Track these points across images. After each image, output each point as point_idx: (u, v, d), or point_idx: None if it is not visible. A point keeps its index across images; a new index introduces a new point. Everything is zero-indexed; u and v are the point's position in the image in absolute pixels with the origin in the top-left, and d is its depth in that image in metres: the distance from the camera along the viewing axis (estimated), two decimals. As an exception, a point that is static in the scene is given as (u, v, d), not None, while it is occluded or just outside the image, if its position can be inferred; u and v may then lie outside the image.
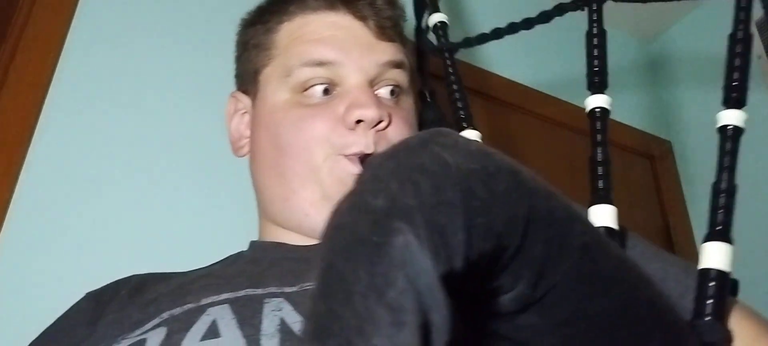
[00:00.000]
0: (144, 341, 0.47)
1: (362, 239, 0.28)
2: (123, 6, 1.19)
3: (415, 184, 0.29)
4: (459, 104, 0.64)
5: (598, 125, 0.52)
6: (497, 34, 0.61)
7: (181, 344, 0.45)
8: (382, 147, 0.56)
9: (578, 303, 0.33)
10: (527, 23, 0.58)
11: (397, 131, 0.59)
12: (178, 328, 0.47)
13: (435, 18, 0.70)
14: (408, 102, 0.65)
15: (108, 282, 0.64)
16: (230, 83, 1.23)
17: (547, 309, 0.32)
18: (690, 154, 1.85)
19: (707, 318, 0.41)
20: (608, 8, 0.61)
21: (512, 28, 0.60)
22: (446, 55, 0.66)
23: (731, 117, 0.54)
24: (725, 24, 0.58)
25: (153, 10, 1.22)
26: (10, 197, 0.96)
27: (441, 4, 0.73)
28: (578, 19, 0.60)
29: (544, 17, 0.58)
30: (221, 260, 0.64)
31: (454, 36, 0.70)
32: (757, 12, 0.58)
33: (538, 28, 0.59)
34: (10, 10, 1.08)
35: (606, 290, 0.34)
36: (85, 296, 0.61)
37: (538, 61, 1.69)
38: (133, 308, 0.54)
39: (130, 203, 1.05)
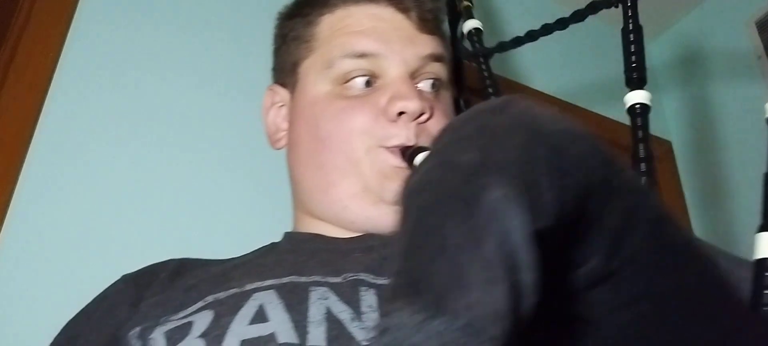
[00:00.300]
0: (190, 323, 0.47)
1: (452, 193, 0.27)
2: (123, 6, 1.19)
3: (504, 140, 0.28)
4: None
5: (639, 121, 0.52)
6: (531, 36, 0.60)
7: (229, 327, 0.45)
8: (423, 140, 0.56)
9: (651, 279, 0.32)
10: (561, 23, 0.58)
11: (438, 124, 0.59)
12: (225, 311, 0.47)
13: (469, 25, 0.69)
14: (447, 96, 0.65)
15: (103, 282, 0.64)
16: (231, 82, 1.23)
17: (620, 285, 0.32)
18: (690, 154, 1.85)
19: (765, 308, 0.40)
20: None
21: (546, 30, 0.59)
22: (482, 59, 0.66)
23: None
24: (726, 23, 0.58)
25: (153, 9, 1.22)
26: (10, 197, 0.96)
27: (475, 13, 0.73)
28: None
29: (578, 16, 0.57)
30: (254, 251, 0.64)
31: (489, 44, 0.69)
32: (757, 11, 0.58)
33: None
34: (10, 10, 1.08)
35: (678, 267, 0.33)
36: (121, 278, 0.60)
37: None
38: (175, 291, 0.53)
39: (130, 202, 1.05)
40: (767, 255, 0.42)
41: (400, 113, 0.57)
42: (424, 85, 0.61)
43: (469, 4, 0.72)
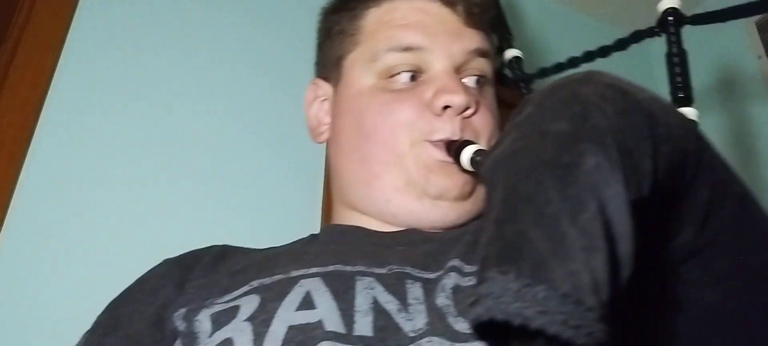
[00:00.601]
0: (237, 307, 0.47)
1: (550, 161, 0.26)
2: (123, 6, 1.19)
3: (599, 107, 0.28)
4: None
5: None
6: (573, 63, 0.60)
7: (276, 312, 0.45)
8: (468, 134, 0.56)
9: (738, 255, 0.32)
10: (603, 51, 0.58)
11: (483, 120, 0.58)
12: (272, 296, 0.47)
13: (510, 53, 0.69)
14: (491, 92, 0.64)
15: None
16: (231, 81, 1.23)
17: (710, 261, 0.31)
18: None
19: None
20: (608, 6, 0.61)
21: (588, 56, 0.59)
22: (522, 85, 0.66)
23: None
24: (726, 23, 0.58)
25: (153, 10, 1.22)
26: (10, 197, 0.96)
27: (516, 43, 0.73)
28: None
29: (621, 45, 0.57)
30: (294, 241, 0.63)
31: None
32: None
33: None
34: (10, 10, 1.08)
35: (764, 244, 0.33)
36: (163, 262, 0.60)
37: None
38: (221, 275, 0.53)
39: (129, 202, 1.05)
40: None
41: (446, 107, 0.56)
42: (469, 80, 0.61)
43: (509, 36, 0.71)
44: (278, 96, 1.27)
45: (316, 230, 0.61)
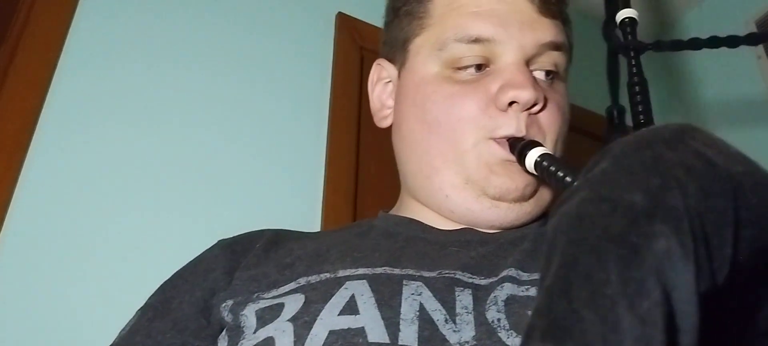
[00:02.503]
0: (282, 305, 0.46)
1: (616, 236, 0.24)
2: (122, 6, 1.19)
3: (681, 183, 0.26)
4: (639, 108, 0.57)
5: None
6: (694, 44, 0.56)
7: (319, 315, 0.44)
8: (534, 131, 0.54)
9: None
10: (731, 41, 0.55)
11: (551, 117, 0.56)
12: (316, 298, 0.46)
13: (623, 13, 0.63)
14: (562, 87, 0.60)
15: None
16: (231, 81, 1.23)
17: None
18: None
19: None
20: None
21: (713, 42, 0.55)
22: (632, 54, 0.60)
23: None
24: (726, 23, 0.58)
25: (153, 10, 1.22)
26: (10, 197, 0.96)
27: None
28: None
29: (743, 40, 0.55)
30: (349, 227, 0.62)
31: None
32: (757, 11, 0.58)
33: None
34: (10, 10, 1.08)
35: None
36: (217, 244, 0.59)
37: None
38: (270, 266, 0.52)
39: (129, 202, 1.05)
40: None
41: (511, 103, 0.54)
42: (540, 74, 0.57)
43: None
44: (278, 96, 1.27)
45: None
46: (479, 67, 0.56)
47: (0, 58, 1.03)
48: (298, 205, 1.18)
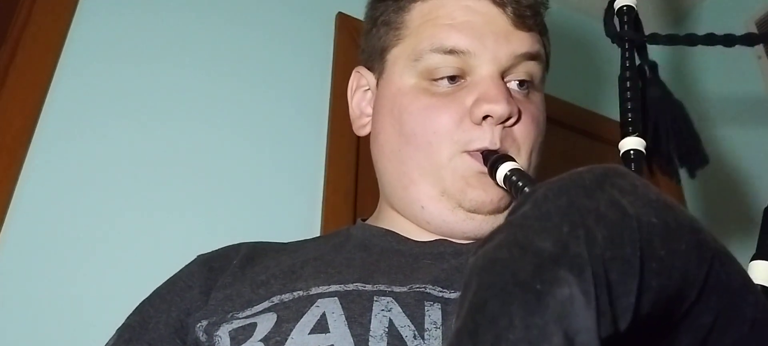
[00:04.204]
0: (254, 325, 0.47)
1: (522, 282, 0.25)
2: (122, 6, 1.19)
3: (589, 231, 0.26)
4: (628, 106, 0.56)
5: None
6: (690, 40, 0.55)
7: (290, 334, 0.45)
8: (508, 144, 0.55)
9: None
10: (728, 40, 0.55)
11: (525, 129, 0.57)
12: (288, 316, 0.47)
13: (622, 1, 0.61)
14: (538, 97, 0.61)
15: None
16: (232, 81, 1.23)
17: None
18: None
19: None
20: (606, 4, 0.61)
21: (709, 40, 0.54)
22: (626, 46, 0.58)
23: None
24: (726, 23, 0.58)
25: (152, 11, 1.22)
26: (10, 197, 0.96)
27: None
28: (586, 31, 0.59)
29: (752, 39, 0.54)
30: (328, 237, 0.63)
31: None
32: (757, 11, 0.58)
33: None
34: (10, 10, 1.08)
35: None
36: (196, 260, 0.60)
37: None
38: (245, 285, 0.53)
39: (129, 202, 1.05)
40: (761, 283, 0.41)
41: (486, 116, 0.55)
42: (515, 84, 0.58)
43: None
44: (279, 97, 1.27)
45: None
46: (454, 78, 0.57)
47: (0, 58, 1.03)
48: (298, 205, 1.18)
